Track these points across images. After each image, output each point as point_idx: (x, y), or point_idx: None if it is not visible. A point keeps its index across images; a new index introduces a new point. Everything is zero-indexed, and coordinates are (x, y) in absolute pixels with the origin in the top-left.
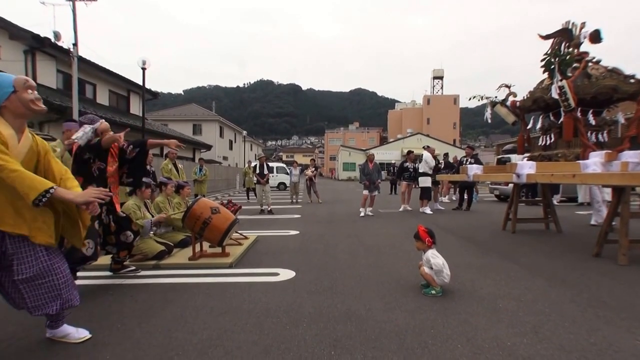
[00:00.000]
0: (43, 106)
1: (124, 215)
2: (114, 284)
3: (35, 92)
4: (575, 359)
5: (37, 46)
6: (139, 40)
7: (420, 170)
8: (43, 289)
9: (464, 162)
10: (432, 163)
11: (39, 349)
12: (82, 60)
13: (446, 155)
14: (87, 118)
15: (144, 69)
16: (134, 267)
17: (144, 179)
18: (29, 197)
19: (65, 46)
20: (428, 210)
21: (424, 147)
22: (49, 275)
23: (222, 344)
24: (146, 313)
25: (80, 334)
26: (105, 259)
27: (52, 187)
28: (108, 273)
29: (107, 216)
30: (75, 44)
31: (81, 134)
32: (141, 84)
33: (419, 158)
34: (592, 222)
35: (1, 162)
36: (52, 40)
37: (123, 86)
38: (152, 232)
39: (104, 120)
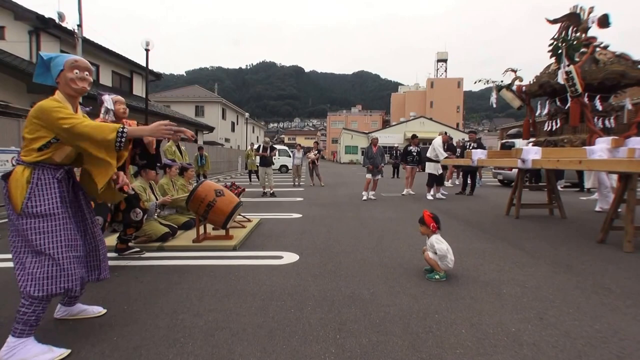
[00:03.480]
0: (83, 85)
1: (133, 192)
2: (119, 265)
3: (85, 73)
4: (581, 346)
5: (41, 27)
6: (142, 21)
7: (428, 155)
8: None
9: (468, 146)
10: (441, 150)
11: (48, 330)
12: (86, 41)
13: (450, 139)
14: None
15: (147, 50)
16: (138, 249)
17: (169, 161)
18: (109, 139)
19: (69, 27)
20: (429, 196)
21: (440, 134)
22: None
23: (228, 327)
24: (152, 295)
25: (95, 309)
26: (110, 240)
27: (123, 127)
28: (113, 254)
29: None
30: (79, 25)
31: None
32: (144, 65)
33: (428, 143)
34: (597, 209)
35: (75, 120)
36: (57, 21)
37: (126, 67)
38: (156, 215)
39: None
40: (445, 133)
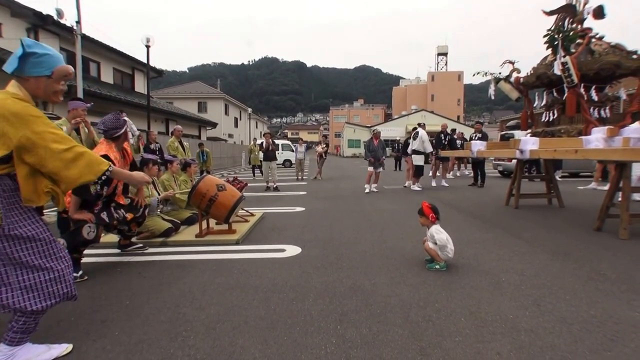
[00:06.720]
0: (62, 98)
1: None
2: (122, 261)
3: (66, 83)
4: (576, 331)
5: (39, 24)
6: (143, 17)
7: (415, 148)
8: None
9: (474, 137)
10: (427, 141)
11: (49, 327)
12: (85, 38)
13: (453, 131)
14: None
15: (148, 47)
16: (141, 244)
17: (151, 156)
18: (97, 173)
19: (68, 24)
20: (415, 187)
21: (418, 124)
22: None
23: (229, 319)
24: (154, 289)
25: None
26: (113, 237)
27: (110, 165)
28: (116, 250)
29: (118, 211)
30: (78, 22)
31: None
32: (145, 61)
33: (413, 135)
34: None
35: (72, 143)
36: (55, 18)
37: (127, 64)
38: (159, 210)
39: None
40: (424, 124)
